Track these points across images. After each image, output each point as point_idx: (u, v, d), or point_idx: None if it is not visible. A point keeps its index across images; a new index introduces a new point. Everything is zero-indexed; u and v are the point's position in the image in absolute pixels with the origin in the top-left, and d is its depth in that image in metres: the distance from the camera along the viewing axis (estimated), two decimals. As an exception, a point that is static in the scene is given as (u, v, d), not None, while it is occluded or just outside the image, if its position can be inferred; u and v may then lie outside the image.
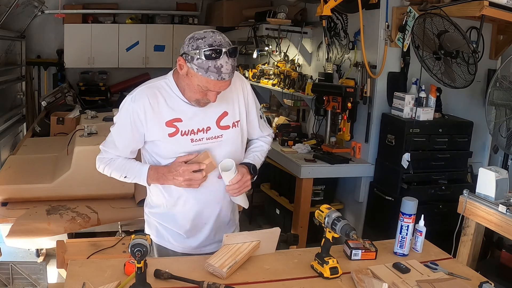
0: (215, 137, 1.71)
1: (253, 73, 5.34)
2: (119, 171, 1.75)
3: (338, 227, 1.57)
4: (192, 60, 1.52)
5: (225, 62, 1.50)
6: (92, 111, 4.32)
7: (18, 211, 2.90)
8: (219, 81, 1.53)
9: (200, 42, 1.50)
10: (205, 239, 1.81)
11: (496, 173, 2.21)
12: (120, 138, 1.72)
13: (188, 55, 1.52)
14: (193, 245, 1.81)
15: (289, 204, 3.85)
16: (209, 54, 1.48)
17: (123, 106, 1.69)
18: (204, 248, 1.82)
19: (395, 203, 3.10)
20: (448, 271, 1.65)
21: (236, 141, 1.77)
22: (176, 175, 1.64)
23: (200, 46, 1.50)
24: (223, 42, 1.51)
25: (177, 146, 1.68)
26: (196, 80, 1.55)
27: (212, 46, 1.49)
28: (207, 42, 1.50)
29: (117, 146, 1.74)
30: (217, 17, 5.88)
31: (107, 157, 1.77)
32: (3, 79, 4.92)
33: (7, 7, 4.56)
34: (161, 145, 1.69)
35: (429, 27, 2.86)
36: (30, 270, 1.92)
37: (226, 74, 1.52)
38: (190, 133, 1.67)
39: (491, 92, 2.76)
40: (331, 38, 3.97)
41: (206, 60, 1.49)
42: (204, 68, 1.50)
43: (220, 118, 1.72)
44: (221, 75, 1.51)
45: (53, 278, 2.77)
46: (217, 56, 1.49)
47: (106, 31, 6.01)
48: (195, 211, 1.76)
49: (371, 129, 3.51)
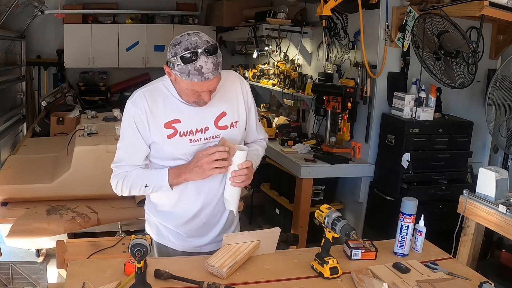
0: (212, 137, 1.71)
1: (253, 73, 5.34)
2: (138, 181, 1.69)
3: (338, 227, 1.57)
4: (174, 67, 1.53)
5: (204, 62, 1.50)
6: (92, 111, 4.32)
7: (18, 211, 2.89)
8: (204, 81, 1.53)
9: (177, 48, 1.51)
10: (205, 238, 1.81)
11: (496, 173, 2.21)
12: (130, 144, 1.70)
13: (170, 62, 1.54)
14: (193, 244, 1.81)
15: (289, 204, 3.85)
16: (186, 58, 1.49)
17: (125, 113, 1.69)
18: (204, 247, 1.82)
19: (395, 203, 3.10)
20: (448, 271, 1.65)
21: (234, 141, 1.76)
22: (202, 162, 1.61)
23: (177, 52, 1.50)
24: (199, 43, 1.50)
25: (176, 148, 1.68)
26: (184, 84, 1.56)
27: (188, 49, 1.49)
28: (183, 47, 1.50)
29: (130, 153, 1.70)
30: (217, 17, 5.88)
31: (121, 171, 1.71)
32: (3, 79, 4.92)
33: (7, 7, 4.56)
34: (159, 147, 1.68)
35: (429, 27, 2.86)
36: (30, 270, 1.92)
37: (208, 73, 1.51)
38: (189, 134, 1.68)
39: (491, 92, 2.76)
40: (331, 38, 3.97)
41: (185, 64, 1.50)
42: (186, 73, 1.51)
43: (218, 118, 1.72)
44: (203, 76, 1.51)
45: (53, 278, 2.77)
46: (194, 58, 1.49)
47: (106, 31, 6.01)
48: (195, 211, 1.76)
49: (371, 129, 3.51)
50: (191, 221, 1.77)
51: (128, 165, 1.71)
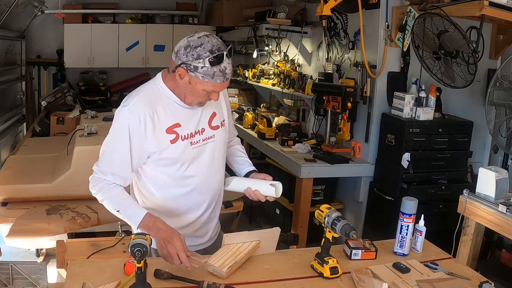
0: (208, 138, 1.74)
1: (253, 73, 5.33)
2: (114, 202, 1.64)
3: (338, 227, 1.57)
4: (196, 70, 1.52)
5: (228, 64, 1.55)
6: (92, 111, 4.31)
7: (18, 211, 2.89)
8: (224, 82, 1.58)
9: (200, 50, 1.51)
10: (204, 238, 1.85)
11: (496, 173, 2.21)
12: (117, 152, 1.63)
13: (190, 65, 1.52)
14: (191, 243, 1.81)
15: (289, 204, 3.85)
16: (213, 60, 1.51)
17: (119, 119, 1.63)
18: (203, 245, 1.85)
19: (395, 203, 3.10)
20: (448, 271, 1.65)
21: (224, 140, 1.83)
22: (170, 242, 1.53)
23: (201, 54, 1.51)
24: (220, 45, 1.54)
25: (178, 152, 1.67)
26: (201, 86, 1.56)
27: (213, 52, 1.51)
28: (207, 49, 1.51)
29: (113, 162, 1.64)
30: (217, 17, 5.88)
31: (102, 179, 1.64)
32: (3, 79, 4.92)
33: (7, 7, 4.56)
34: (162, 153, 1.66)
35: (429, 27, 2.86)
36: (30, 270, 1.92)
37: (229, 74, 1.58)
38: (189, 137, 1.69)
39: (491, 92, 2.76)
40: (331, 38, 3.97)
41: (212, 67, 1.51)
42: (210, 75, 1.53)
43: (211, 119, 1.75)
44: (225, 76, 1.56)
45: (53, 278, 2.76)
46: (220, 60, 1.52)
47: (106, 31, 6.02)
48: (196, 216, 1.80)
49: (371, 129, 3.51)
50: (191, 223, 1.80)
51: (109, 174, 1.64)
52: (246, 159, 1.95)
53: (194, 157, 1.70)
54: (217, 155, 1.78)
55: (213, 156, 1.76)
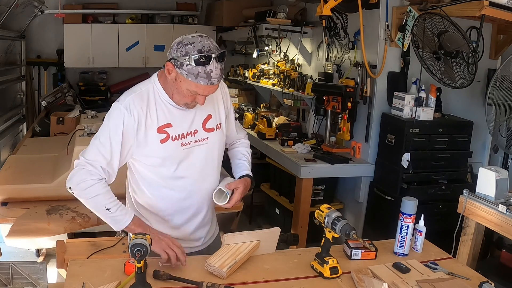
0: (201, 140, 1.73)
1: (253, 73, 5.33)
2: (106, 198, 1.62)
3: (338, 227, 1.57)
4: (181, 66, 1.52)
5: (215, 68, 1.52)
6: (92, 111, 4.31)
7: (18, 211, 2.89)
8: (209, 86, 1.54)
9: (189, 47, 1.51)
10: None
11: (496, 173, 2.21)
12: (108, 146, 1.61)
13: (177, 60, 1.53)
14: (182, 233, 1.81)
15: (289, 204, 3.85)
16: (198, 60, 1.49)
17: (114, 114, 1.63)
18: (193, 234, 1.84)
19: (395, 203, 3.10)
20: (448, 271, 1.65)
21: (220, 143, 1.80)
22: (166, 241, 1.59)
23: (189, 52, 1.50)
24: (212, 47, 1.52)
25: (168, 151, 1.67)
26: (185, 84, 1.55)
27: (202, 52, 1.50)
28: (196, 48, 1.50)
29: (105, 156, 1.61)
30: (217, 17, 5.88)
31: (94, 172, 1.60)
32: (3, 79, 4.91)
33: (7, 7, 4.56)
34: (152, 152, 1.66)
35: (429, 27, 2.86)
36: (30, 270, 1.92)
37: (215, 78, 1.54)
38: (180, 137, 1.68)
39: (491, 92, 2.76)
40: (331, 38, 3.97)
41: (196, 66, 1.50)
42: (194, 74, 1.51)
43: (206, 121, 1.74)
44: (211, 80, 1.53)
45: (53, 278, 2.76)
46: (206, 61, 1.50)
47: (106, 31, 6.01)
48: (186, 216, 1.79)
49: (371, 129, 3.51)
50: (175, 218, 1.79)
51: (101, 168, 1.61)
52: (244, 162, 1.90)
53: (183, 158, 1.69)
54: (211, 158, 1.76)
55: (206, 158, 1.75)
